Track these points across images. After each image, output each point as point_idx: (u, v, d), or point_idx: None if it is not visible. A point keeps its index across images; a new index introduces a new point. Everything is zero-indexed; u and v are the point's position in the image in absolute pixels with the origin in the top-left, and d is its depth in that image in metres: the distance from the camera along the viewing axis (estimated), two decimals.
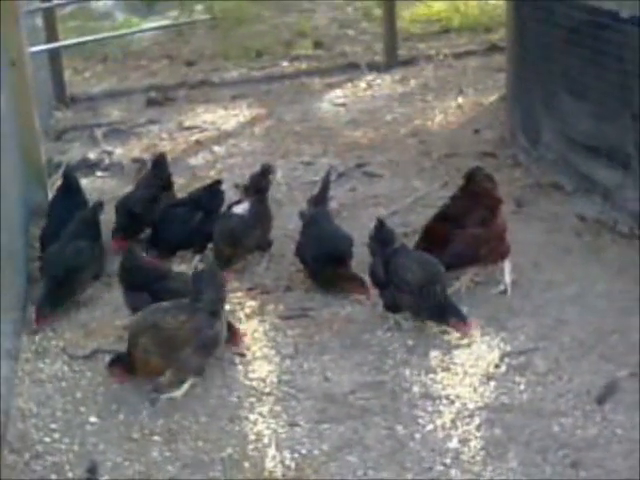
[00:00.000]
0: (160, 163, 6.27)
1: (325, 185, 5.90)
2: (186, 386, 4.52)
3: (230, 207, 5.79)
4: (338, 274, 5.31)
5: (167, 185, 6.22)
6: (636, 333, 4.78)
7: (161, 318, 4.48)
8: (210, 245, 5.68)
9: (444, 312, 4.80)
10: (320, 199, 5.81)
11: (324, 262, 5.33)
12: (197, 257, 5.68)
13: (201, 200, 5.96)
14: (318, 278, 5.40)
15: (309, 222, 5.57)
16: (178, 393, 4.50)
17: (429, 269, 4.88)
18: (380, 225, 5.14)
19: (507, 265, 5.28)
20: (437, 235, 5.20)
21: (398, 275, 4.90)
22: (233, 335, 4.79)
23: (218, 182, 6.15)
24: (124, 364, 4.51)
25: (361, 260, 5.37)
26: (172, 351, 4.45)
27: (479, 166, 5.62)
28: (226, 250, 5.53)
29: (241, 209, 5.67)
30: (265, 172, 5.83)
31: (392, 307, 4.98)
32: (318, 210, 5.69)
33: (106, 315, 5.25)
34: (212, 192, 6.03)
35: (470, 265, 5.30)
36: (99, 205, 5.83)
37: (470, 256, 5.21)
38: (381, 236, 5.10)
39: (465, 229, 5.20)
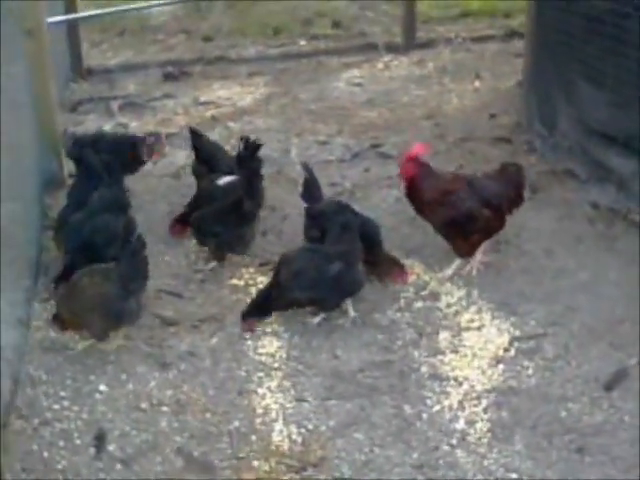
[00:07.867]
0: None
1: (311, 179, 5.51)
2: (86, 343, 4.66)
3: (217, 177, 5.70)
4: (380, 257, 5.21)
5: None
6: None
7: (79, 278, 4.61)
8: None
9: None
10: (316, 193, 5.47)
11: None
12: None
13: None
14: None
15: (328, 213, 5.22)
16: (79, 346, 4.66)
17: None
18: None
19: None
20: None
21: None
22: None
23: None
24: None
25: None
26: (80, 311, 4.57)
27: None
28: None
29: (222, 180, 5.63)
30: (248, 148, 5.57)
31: None
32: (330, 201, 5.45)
33: None
34: None
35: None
36: None
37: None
38: None
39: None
